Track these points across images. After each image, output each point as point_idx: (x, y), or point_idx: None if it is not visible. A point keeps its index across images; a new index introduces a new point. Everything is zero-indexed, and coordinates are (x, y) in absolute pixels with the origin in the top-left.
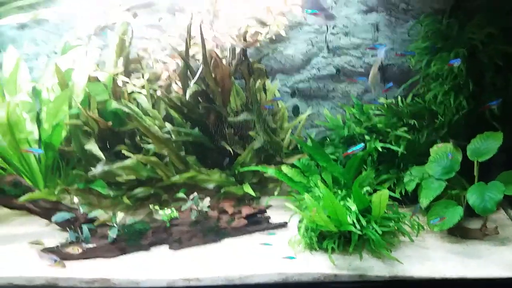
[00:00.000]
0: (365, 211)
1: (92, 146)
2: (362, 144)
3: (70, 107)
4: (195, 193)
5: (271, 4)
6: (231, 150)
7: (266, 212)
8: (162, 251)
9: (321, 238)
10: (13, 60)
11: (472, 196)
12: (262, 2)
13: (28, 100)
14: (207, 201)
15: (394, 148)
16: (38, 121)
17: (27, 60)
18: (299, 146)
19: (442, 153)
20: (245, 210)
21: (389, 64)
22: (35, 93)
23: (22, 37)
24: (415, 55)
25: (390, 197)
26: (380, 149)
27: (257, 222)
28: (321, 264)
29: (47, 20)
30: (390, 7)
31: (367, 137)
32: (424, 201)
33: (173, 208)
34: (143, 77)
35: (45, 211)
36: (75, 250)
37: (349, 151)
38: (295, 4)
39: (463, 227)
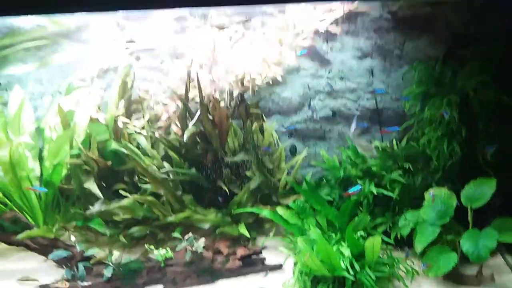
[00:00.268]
0: (359, 255)
1: (91, 185)
2: (360, 186)
3: (71, 146)
4: (190, 234)
5: (268, 52)
6: (227, 189)
7: (261, 253)
8: None
9: (315, 282)
10: (19, 100)
11: (465, 244)
12: (259, 51)
13: (30, 141)
14: (202, 241)
15: (389, 194)
16: (41, 159)
17: (32, 99)
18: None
19: (437, 198)
20: (240, 251)
21: (384, 108)
22: (38, 131)
23: (28, 77)
24: (409, 100)
25: (384, 241)
26: (374, 192)
27: (252, 263)
28: None
29: (52, 62)
30: (385, 53)
31: (360, 181)
32: (418, 246)
33: (167, 248)
34: (143, 118)
35: (43, 248)
36: (63, 284)
37: (349, 191)
38: (291, 51)
39: (458, 273)
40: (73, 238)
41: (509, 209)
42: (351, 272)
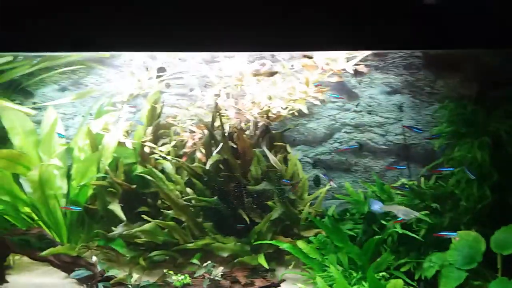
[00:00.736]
0: None
1: (115, 207)
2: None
3: (98, 168)
4: (209, 262)
5: (295, 85)
6: (247, 218)
7: (280, 286)
8: None
9: None
10: (51, 120)
11: None
12: (284, 90)
13: (59, 165)
14: (220, 269)
15: (413, 235)
16: (68, 178)
17: (64, 119)
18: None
19: (464, 241)
20: (258, 282)
21: (413, 144)
22: (68, 150)
23: (61, 98)
24: (439, 138)
25: (407, 283)
26: (399, 231)
27: None
28: None
29: (85, 85)
30: (415, 90)
31: (384, 221)
32: None
33: (186, 275)
34: (169, 144)
35: (66, 265)
36: None
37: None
38: (316, 89)
39: None
40: (94, 258)
41: None
42: None
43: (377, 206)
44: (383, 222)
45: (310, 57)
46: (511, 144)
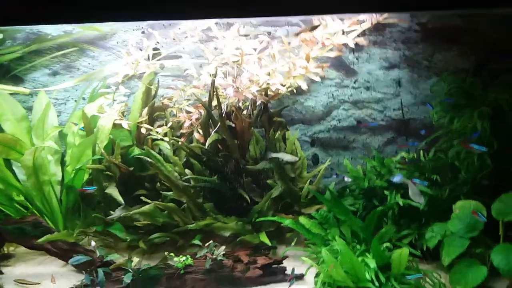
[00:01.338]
0: (384, 267)
1: (113, 191)
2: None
3: (94, 152)
4: (211, 241)
5: (292, 66)
6: (248, 198)
7: (282, 263)
8: None
9: None
10: (43, 105)
11: (497, 257)
12: (283, 65)
13: (54, 147)
14: (222, 249)
15: (416, 205)
16: (62, 164)
17: (56, 105)
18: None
19: (465, 210)
20: (261, 260)
21: (411, 119)
22: (61, 136)
23: (53, 83)
24: (435, 110)
25: (410, 253)
26: (401, 203)
27: (273, 273)
28: None
29: (77, 68)
30: (413, 64)
31: (386, 192)
32: (446, 259)
33: (188, 256)
34: (166, 125)
35: (63, 252)
36: None
37: None
38: (315, 65)
39: None
40: (93, 243)
41: None
42: (377, 284)
43: (398, 177)
44: (386, 193)
45: (316, 27)
46: (509, 114)
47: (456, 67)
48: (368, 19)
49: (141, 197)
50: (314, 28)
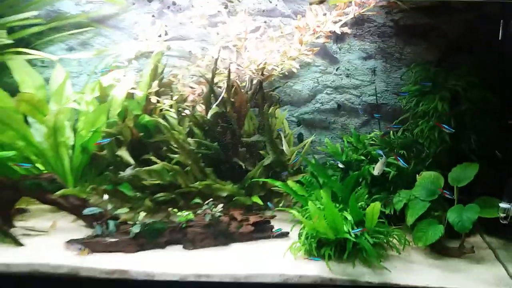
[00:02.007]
0: (359, 223)
1: (123, 153)
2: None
3: (107, 118)
4: (211, 199)
5: (287, 48)
6: (243, 165)
7: (270, 222)
8: (176, 249)
9: (320, 246)
10: (61, 76)
11: (451, 215)
12: (280, 46)
13: (76, 108)
14: (220, 207)
15: (386, 170)
16: (74, 130)
17: (70, 78)
18: (304, 164)
19: (427, 179)
20: (253, 218)
21: (384, 103)
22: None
23: (69, 58)
24: (406, 96)
25: (381, 216)
26: (373, 173)
27: (262, 230)
28: (318, 269)
29: (92, 45)
30: (386, 56)
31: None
32: (410, 219)
33: (190, 211)
34: (171, 99)
35: (74, 207)
36: (84, 253)
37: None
38: (307, 51)
39: (444, 246)
40: (105, 196)
41: (488, 190)
42: (353, 235)
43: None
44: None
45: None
46: (465, 98)
47: (423, 59)
48: (351, 12)
49: (152, 157)
50: (322, 1)
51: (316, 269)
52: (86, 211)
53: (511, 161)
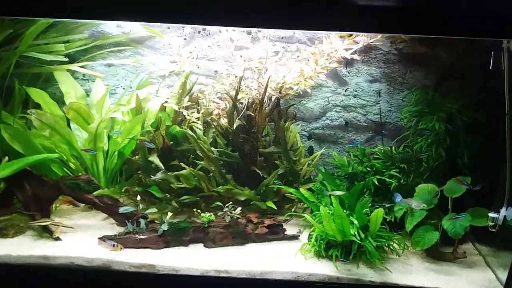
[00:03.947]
0: (364, 228)
1: (155, 159)
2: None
3: (142, 127)
4: (230, 202)
5: (304, 68)
6: (260, 173)
7: (283, 226)
8: (198, 247)
9: (328, 248)
10: (101, 88)
11: (446, 223)
12: (297, 67)
13: (120, 118)
14: (238, 210)
15: (388, 180)
16: (109, 138)
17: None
18: (315, 173)
19: (424, 190)
20: (267, 221)
21: (387, 122)
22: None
23: (107, 72)
24: (404, 115)
25: (383, 222)
26: (376, 183)
27: (276, 232)
28: (326, 268)
29: (129, 64)
30: (390, 80)
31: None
32: (409, 226)
33: (211, 212)
34: (198, 112)
35: (107, 206)
36: (117, 249)
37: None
38: (320, 72)
39: (439, 251)
40: (138, 197)
41: (479, 201)
42: (358, 238)
43: (398, 198)
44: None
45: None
46: (459, 118)
47: (422, 84)
48: (361, 41)
49: (181, 163)
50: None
51: (325, 268)
52: (122, 210)
53: (498, 174)
